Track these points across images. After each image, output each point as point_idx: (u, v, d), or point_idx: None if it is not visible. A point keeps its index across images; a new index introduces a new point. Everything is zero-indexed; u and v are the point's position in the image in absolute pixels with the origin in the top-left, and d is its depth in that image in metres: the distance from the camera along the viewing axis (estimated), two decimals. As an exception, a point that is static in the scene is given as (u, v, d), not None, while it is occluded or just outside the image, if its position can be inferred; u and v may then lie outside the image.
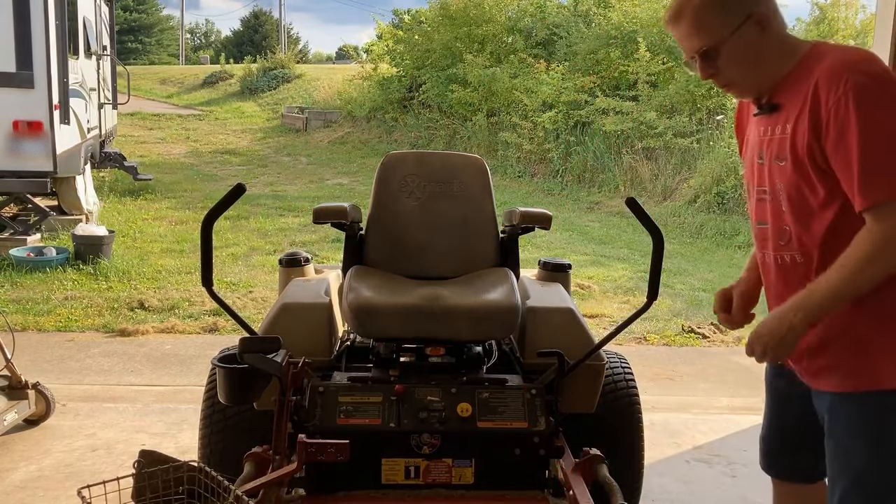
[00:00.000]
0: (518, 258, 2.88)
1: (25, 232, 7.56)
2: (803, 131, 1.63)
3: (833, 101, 1.57)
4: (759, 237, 1.84)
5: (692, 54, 1.73)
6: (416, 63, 16.75)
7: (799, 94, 1.66)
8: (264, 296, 6.16)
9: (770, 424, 2.03)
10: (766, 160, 1.75)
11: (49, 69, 7.20)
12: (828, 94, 1.58)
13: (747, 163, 1.87)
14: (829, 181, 1.62)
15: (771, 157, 1.72)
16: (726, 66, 1.71)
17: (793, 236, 1.71)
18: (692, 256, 8.50)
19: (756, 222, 1.84)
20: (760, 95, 1.77)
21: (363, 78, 18.80)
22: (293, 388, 2.23)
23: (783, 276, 1.77)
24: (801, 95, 1.65)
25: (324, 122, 18.40)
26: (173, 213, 9.74)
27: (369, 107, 17.50)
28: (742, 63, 1.71)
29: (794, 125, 1.65)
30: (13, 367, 3.54)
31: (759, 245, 1.84)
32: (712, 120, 11.64)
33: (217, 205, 2.29)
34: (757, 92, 1.77)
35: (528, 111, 13.41)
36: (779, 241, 1.75)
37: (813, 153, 1.62)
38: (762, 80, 1.73)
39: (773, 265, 1.79)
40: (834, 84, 1.57)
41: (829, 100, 1.58)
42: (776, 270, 1.79)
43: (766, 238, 1.80)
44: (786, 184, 1.69)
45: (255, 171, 13.85)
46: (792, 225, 1.71)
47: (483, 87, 14.53)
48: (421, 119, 16.02)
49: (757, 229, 1.84)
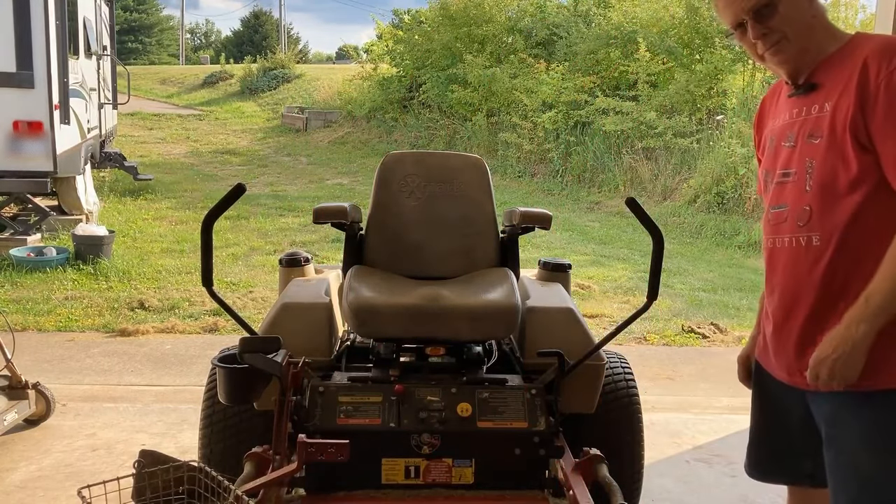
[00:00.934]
0: (518, 258, 2.88)
1: (25, 232, 7.56)
2: (847, 106, 1.62)
3: (884, 76, 1.58)
4: (773, 221, 1.80)
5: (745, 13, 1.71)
6: (416, 63, 16.76)
7: (842, 73, 1.66)
8: (264, 296, 6.16)
9: (763, 428, 1.98)
10: (796, 141, 1.74)
11: (49, 69, 7.20)
12: (878, 68, 1.60)
13: (769, 151, 1.85)
14: (866, 159, 1.61)
15: (804, 136, 1.71)
16: (780, 25, 1.70)
17: (813, 216, 1.68)
18: (692, 256, 8.50)
19: (771, 207, 1.81)
20: (799, 71, 1.75)
21: (363, 78, 18.81)
22: (293, 388, 2.23)
23: (793, 262, 1.73)
24: (845, 74, 1.65)
25: (324, 122, 18.40)
26: (173, 213, 9.74)
27: (369, 107, 17.51)
28: (797, 25, 1.70)
29: (836, 102, 1.65)
30: (13, 367, 3.54)
31: (772, 230, 1.80)
32: (712, 120, 11.64)
33: (217, 205, 2.29)
34: (799, 63, 1.75)
35: (528, 111, 13.41)
36: (797, 223, 1.71)
37: (856, 128, 1.61)
38: (809, 50, 1.73)
39: (786, 249, 1.75)
40: (886, 59, 1.60)
41: (879, 74, 1.59)
42: (787, 255, 1.75)
43: (782, 221, 1.76)
44: (818, 161, 1.67)
45: (255, 171, 13.86)
46: (815, 205, 1.68)
47: (483, 87, 14.54)
48: (421, 119, 16.02)
49: (772, 214, 1.80)
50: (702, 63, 12.13)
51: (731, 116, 11.31)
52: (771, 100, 1.93)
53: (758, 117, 1.98)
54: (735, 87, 12.13)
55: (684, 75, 11.93)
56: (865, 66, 1.61)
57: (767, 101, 1.95)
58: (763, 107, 1.97)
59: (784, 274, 1.76)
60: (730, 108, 11.61)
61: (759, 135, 1.95)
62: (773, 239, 1.79)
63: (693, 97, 11.84)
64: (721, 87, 12.07)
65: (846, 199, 1.63)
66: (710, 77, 11.94)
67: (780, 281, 1.78)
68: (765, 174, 1.87)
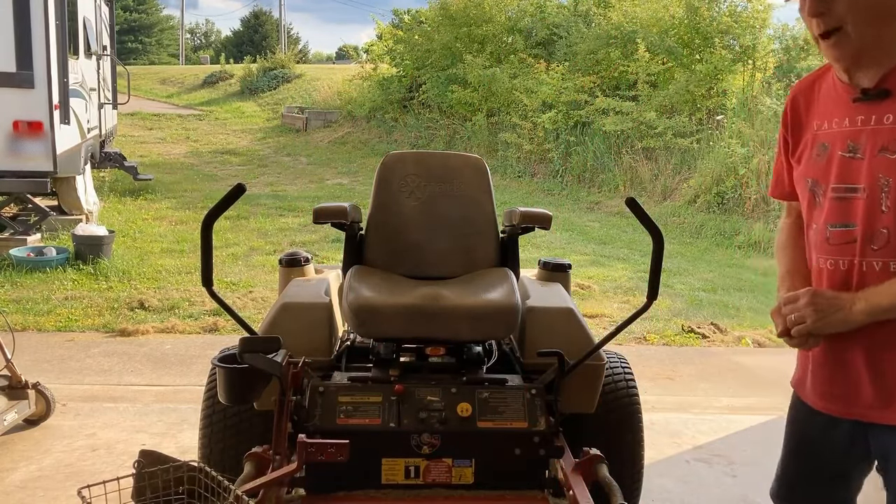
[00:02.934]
0: (518, 258, 2.88)
1: (25, 232, 7.55)
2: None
3: None
4: (834, 241, 1.61)
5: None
6: (416, 63, 16.76)
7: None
8: (264, 296, 6.16)
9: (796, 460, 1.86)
10: (864, 153, 1.55)
11: (49, 69, 7.20)
12: None
13: (817, 157, 1.65)
14: None
15: (874, 148, 1.53)
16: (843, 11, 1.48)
17: (892, 240, 1.53)
18: (692, 256, 8.50)
19: (831, 224, 1.61)
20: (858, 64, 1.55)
21: (363, 78, 18.81)
22: (293, 388, 2.23)
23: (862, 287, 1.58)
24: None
25: (324, 122, 18.40)
26: (173, 213, 9.74)
27: (369, 107, 17.52)
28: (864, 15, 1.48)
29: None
30: (13, 367, 3.54)
31: (834, 250, 1.61)
32: (712, 120, 11.64)
33: (217, 205, 2.29)
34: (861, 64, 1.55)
35: (527, 111, 13.42)
36: (870, 246, 1.55)
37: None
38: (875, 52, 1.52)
39: (854, 274, 1.58)
40: None
41: None
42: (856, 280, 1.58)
43: (848, 241, 1.58)
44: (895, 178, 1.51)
45: (255, 171, 13.86)
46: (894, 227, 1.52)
47: (483, 88, 14.54)
48: (421, 119, 16.02)
49: (832, 232, 1.61)
50: (702, 63, 12.14)
51: (731, 116, 11.31)
52: (810, 95, 1.70)
53: (792, 114, 1.74)
54: (735, 87, 12.13)
55: (684, 75, 11.93)
56: None
57: (803, 95, 1.72)
58: (797, 102, 1.73)
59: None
60: (730, 108, 11.62)
61: (797, 135, 1.73)
62: (834, 261, 1.61)
63: (693, 97, 11.85)
64: (721, 87, 12.07)
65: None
66: (710, 77, 11.94)
67: None
68: (811, 184, 1.67)
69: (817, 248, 1.65)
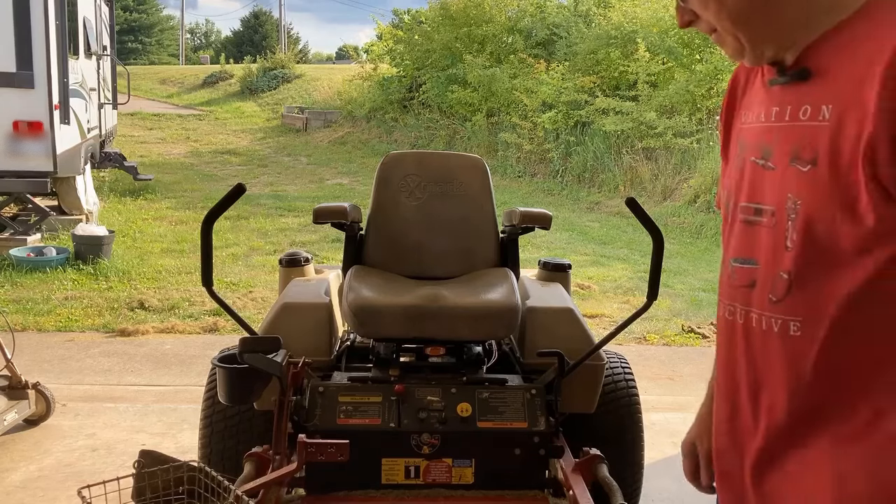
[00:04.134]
0: (518, 258, 2.88)
1: (25, 232, 7.55)
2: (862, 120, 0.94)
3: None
4: (733, 281, 1.14)
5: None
6: (416, 63, 16.76)
7: (856, 61, 0.98)
8: (264, 296, 6.16)
9: None
10: (774, 160, 1.06)
11: (49, 69, 7.20)
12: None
13: (735, 162, 1.19)
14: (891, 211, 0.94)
15: (786, 155, 1.04)
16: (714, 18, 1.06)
17: (793, 291, 1.03)
18: (692, 256, 8.50)
19: (733, 258, 1.14)
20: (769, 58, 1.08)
21: (363, 78, 18.81)
22: (293, 388, 2.23)
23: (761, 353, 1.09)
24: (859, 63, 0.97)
25: (324, 122, 18.40)
26: (173, 213, 9.74)
27: (369, 107, 17.52)
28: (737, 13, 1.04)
29: (843, 108, 0.97)
30: (13, 367, 3.54)
31: (731, 294, 1.14)
32: (712, 120, 11.63)
33: (217, 205, 2.30)
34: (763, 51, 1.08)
35: (527, 111, 13.42)
36: (768, 296, 1.06)
37: (878, 160, 0.93)
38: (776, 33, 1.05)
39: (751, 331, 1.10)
40: None
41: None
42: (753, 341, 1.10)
43: (746, 285, 1.10)
44: (806, 201, 1.00)
45: (255, 171, 13.86)
46: (797, 273, 1.03)
47: (483, 88, 14.54)
48: (421, 119, 16.02)
49: (733, 269, 1.14)
50: (702, 63, 12.14)
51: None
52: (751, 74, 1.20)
53: (729, 99, 1.26)
54: (735, 87, 12.12)
55: (684, 75, 11.93)
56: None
57: (744, 74, 1.23)
58: (736, 83, 1.25)
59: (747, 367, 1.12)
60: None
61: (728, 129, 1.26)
62: (732, 308, 1.14)
63: (693, 97, 11.84)
64: (721, 87, 12.05)
65: (849, 269, 0.98)
66: (710, 77, 11.94)
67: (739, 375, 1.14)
68: (727, 196, 1.20)
69: (720, 288, 1.19)
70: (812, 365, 1.02)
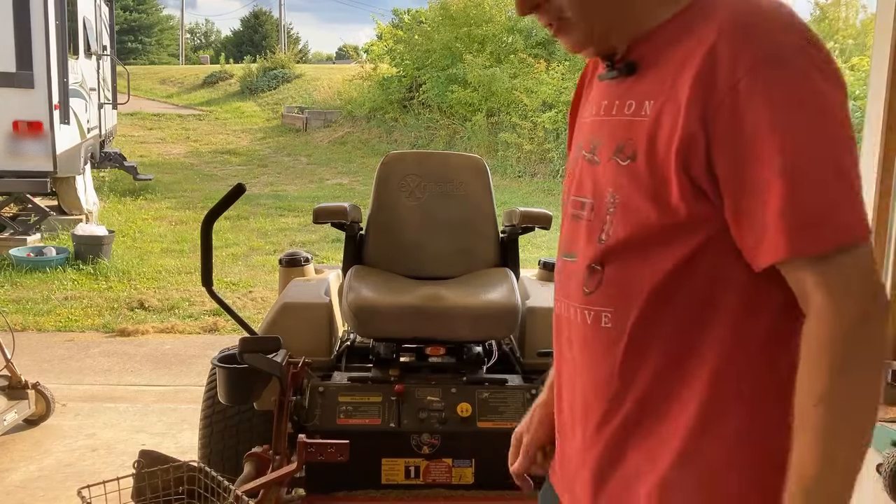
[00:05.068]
0: (518, 258, 2.88)
1: (25, 232, 7.56)
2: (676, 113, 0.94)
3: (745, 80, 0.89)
4: (560, 277, 1.13)
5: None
6: (416, 63, 16.76)
7: (675, 56, 0.97)
8: (264, 296, 6.16)
9: None
10: (599, 154, 1.05)
11: (49, 69, 7.20)
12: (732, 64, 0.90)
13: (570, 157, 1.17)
14: (699, 208, 0.94)
15: (610, 149, 1.03)
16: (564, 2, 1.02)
17: (603, 284, 1.03)
18: (692, 256, 8.49)
19: (562, 253, 1.12)
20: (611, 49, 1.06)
21: (363, 78, 18.81)
22: (293, 388, 2.23)
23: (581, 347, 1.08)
24: (677, 58, 0.96)
25: (324, 122, 18.39)
26: (173, 213, 9.74)
27: (369, 107, 17.51)
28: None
29: (663, 103, 0.96)
30: (13, 367, 3.54)
31: (559, 290, 1.13)
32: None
33: (217, 205, 2.30)
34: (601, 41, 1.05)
35: (528, 111, 13.42)
36: (583, 289, 1.05)
37: (690, 155, 0.93)
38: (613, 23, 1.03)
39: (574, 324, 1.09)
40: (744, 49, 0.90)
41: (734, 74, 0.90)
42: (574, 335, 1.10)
43: (567, 279, 1.10)
44: (623, 195, 0.99)
45: (255, 171, 13.85)
46: (608, 265, 1.03)
47: (483, 87, 14.54)
48: (421, 119, 16.02)
49: (563, 263, 1.12)
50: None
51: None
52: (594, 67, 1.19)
53: (575, 94, 1.24)
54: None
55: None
56: (713, 56, 0.91)
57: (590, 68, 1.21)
58: (583, 77, 1.23)
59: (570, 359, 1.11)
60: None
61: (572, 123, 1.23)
62: (560, 303, 1.13)
63: (693, 97, 11.85)
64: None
65: (656, 259, 0.98)
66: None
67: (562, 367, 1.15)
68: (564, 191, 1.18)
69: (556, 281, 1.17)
70: (621, 357, 1.02)
